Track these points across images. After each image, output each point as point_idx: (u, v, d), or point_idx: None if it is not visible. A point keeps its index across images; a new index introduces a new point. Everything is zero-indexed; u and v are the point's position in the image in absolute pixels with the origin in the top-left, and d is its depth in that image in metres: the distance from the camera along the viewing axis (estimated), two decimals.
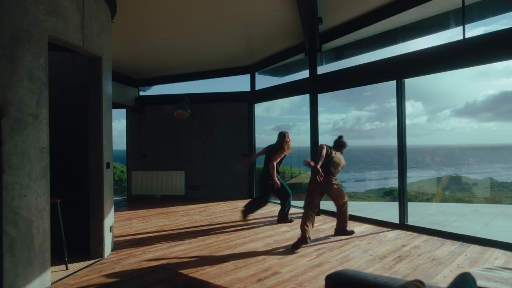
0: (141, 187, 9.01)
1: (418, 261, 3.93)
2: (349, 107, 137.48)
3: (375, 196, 22.69)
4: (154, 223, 6.17)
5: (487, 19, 5.06)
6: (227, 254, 4.33)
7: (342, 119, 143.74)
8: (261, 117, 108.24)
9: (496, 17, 5.07)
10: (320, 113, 6.82)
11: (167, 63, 8.36)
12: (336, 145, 5.25)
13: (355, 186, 35.83)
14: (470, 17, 4.84)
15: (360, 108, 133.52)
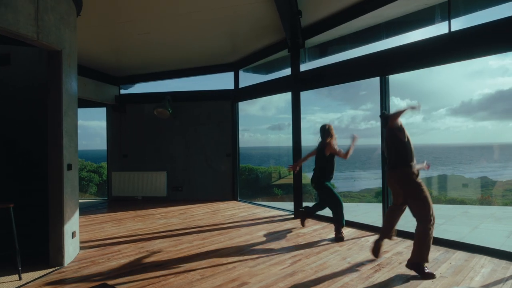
0: (121, 188, 8.70)
1: (398, 270, 3.67)
2: (345, 106, 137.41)
3: (369, 196, 22.48)
4: (128, 227, 5.88)
5: (474, 14, 4.82)
6: (196, 261, 4.04)
7: (338, 118, 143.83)
8: (257, 116, 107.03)
9: (483, 11, 4.82)
10: (315, 112, 6.68)
11: (147, 60, 8.05)
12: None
13: (350, 185, 35.67)
14: (457, 11, 4.59)
15: (355, 107, 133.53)
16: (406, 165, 3.67)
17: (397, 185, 3.76)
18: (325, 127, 5.11)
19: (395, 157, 3.76)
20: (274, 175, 15.15)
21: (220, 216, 6.59)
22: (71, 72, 4.35)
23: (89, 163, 18.21)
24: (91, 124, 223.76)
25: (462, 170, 47.89)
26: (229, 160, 8.43)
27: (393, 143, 3.77)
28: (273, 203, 8.16)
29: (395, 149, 3.75)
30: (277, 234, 5.24)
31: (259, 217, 6.53)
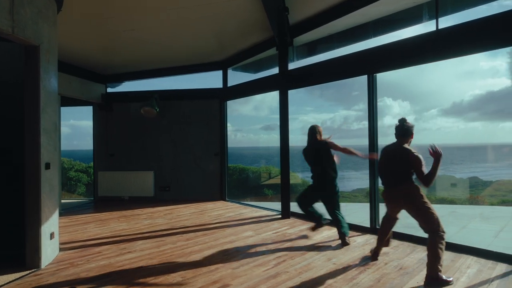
0: (108, 188, 8.54)
1: (383, 271, 3.61)
2: (337, 106, 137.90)
3: (361, 195, 22.50)
4: (112, 227, 5.75)
5: (461, 12, 4.78)
6: (178, 263, 3.94)
7: (330, 119, 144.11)
8: (249, 116, 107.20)
9: (470, 10, 4.78)
10: (308, 113, 6.66)
11: (134, 58, 7.91)
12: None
13: (343, 185, 35.72)
14: (444, 10, 4.55)
15: (348, 107, 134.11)
16: (411, 180, 3.55)
17: (403, 200, 3.56)
18: (314, 128, 4.84)
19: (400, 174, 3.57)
20: (264, 175, 15.08)
21: (206, 217, 6.49)
22: (50, 68, 4.22)
23: (78, 162, 17.99)
24: (83, 124, 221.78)
25: (453, 170, 48.25)
26: (217, 159, 8.33)
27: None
28: (261, 203, 8.08)
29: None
30: (263, 234, 5.16)
31: (246, 217, 6.44)
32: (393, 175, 3.60)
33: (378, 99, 5.18)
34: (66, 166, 17.46)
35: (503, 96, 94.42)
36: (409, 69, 4.88)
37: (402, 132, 3.65)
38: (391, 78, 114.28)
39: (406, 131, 3.66)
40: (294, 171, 31.76)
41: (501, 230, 5.62)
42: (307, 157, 4.87)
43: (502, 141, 74.47)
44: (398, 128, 3.68)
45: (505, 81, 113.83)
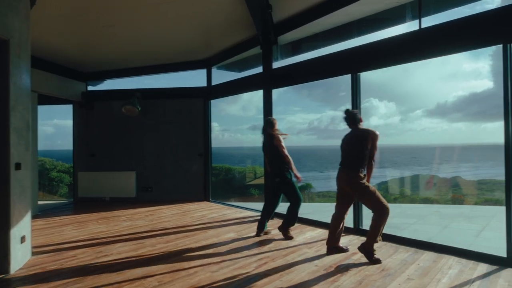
0: (88, 189, 8.32)
1: (365, 272, 3.54)
2: (324, 107, 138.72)
3: None
4: (89, 229, 5.57)
5: (444, 12, 4.77)
6: (156, 267, 3.81)
7: (317, 119, 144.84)
8: (237, 116, 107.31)
9: (453, 10, 4.78)
10: (296, 113, 6.55)
11: (116, 55, 7.73)
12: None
13: (329, 185, 35.89)
14: (427, 10, 4.53)
15: (335, 108, 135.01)
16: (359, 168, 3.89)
17: (347, 185, 3.95)
18: (269, 119, 5.03)
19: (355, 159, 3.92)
20: (250, 175, 14.97)
21: (189, 218, 6.36)
22: (22, 64, 4.03)
23: (60, 163, 17.55)
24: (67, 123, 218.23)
25: (437, 170, 49.03)
26: (201, 160, 8.20)
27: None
28: (245, 204, 7.98)
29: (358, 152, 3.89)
30: (246, 236, 5.06)
31: (229, 218, 6.33)
32: (349, 157, 3.95)
33: (364, 100, 5.17)
34: (48, 167, 17.03)
35: (485, 98, 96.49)
36: (395, 70, 4.93)
37: (353, 120, 4.00)
38: (378, 79, 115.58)
39: (354, 117, 4.00)
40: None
41: (482, 230, 5.65)
42: (264, 148, 5.06)
43: (484, 142, 76.03)
44: (348, 118, 4.03)
45: (487, 83, 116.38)
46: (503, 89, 3.63)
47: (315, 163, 58.80)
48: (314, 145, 63.53)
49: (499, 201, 13.48)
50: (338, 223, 4.13)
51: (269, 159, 5.06)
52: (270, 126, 4.95)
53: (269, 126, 4.95)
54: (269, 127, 4.94)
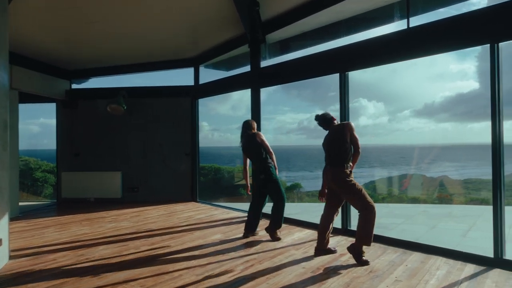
0: (72, 190, 8.14)
1: (353, 274, 3.49)
2: (314, 107, 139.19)
3: None
4: (72, 232, 5.42)
5: (432, 12, 4.76)
6: (139, 270, 3.70)
7: (307, 119, 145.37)
8: (227, 116, 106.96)
9: (441, 10, 4.78)
10: (285, 113, 6.48)
11: (101, 53, 7.56)
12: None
13: (315, 185, 35.99)
14: (415, 9, 4.50)
15: (324, 108, 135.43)
16: (344, 164, 3.85)
17: (333, 183, 3.91)
18: (248, 121, 5.05)
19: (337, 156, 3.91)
20: (239, 175, 14.89)
21: (175, 219, 6.25)
22: None
23: (45, 163, 17.20)
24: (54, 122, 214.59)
25: (425, 170, 49.55)
26: (188, 159, 8.08)
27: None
28: (233, 204, 7.89)
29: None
30: (233, 237, 4.97)
31: (217, 219, 6.24)
32: (332, 156, 3.94)
33: (353, 100, 5.17)
34: (33, 167, 16.68)
35: (472, 98, 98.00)
36: (384, 71, 4.92)
37: (325, 121, 4.09)
38: (367, 79, 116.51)
39: (325, 118, 4.09)
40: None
41: (469, 230, 5.67)
42: (244, 150, 5.00)
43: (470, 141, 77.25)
44: (320, 122, 4.13)
45: (473, 83, 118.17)
46: (490, 89, 3.62)
47: (305, 162, 58.92)
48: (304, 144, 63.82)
49: (485, 201, 13.68)
50: (327, 224, 4.07)
51: (252, 157, 4.98)
52: (249, 128, 4.98)
53: (248, 128, 4.98)
54: (249, 130, 4.97)
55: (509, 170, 32.69)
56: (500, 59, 3.61)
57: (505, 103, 3.66)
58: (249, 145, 4.91)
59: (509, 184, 24.26)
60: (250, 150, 4.93)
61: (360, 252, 3.79)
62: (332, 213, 4.07)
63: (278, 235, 4.80)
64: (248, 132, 4.96)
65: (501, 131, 3.60)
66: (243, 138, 5.00)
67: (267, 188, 4.88)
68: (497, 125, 3.58)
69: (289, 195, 15.83)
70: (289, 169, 48.39)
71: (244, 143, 4.98)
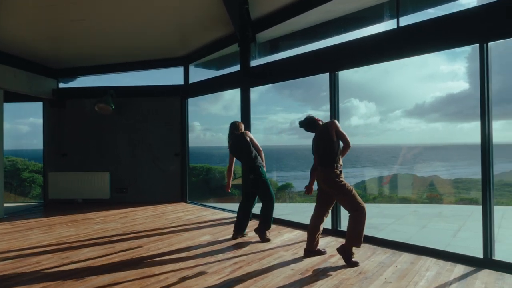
0: (60, 191, 7.99)
1: (342, 276, 3.45)
2: (306, 107, 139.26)
3: None
4: (58, 233, 5.31)
5: (422, 12, 4.75)
6: (125, 273, 3.61)
7: (299, 119, 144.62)
8: (219, 115, 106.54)
9: (431, 9, 4.77)
10: (277, 113, 6.43)
11: (89, 51, 7.42)
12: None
13: (304, 185, 35.84)
14: (405, 9, 4.48)
15: (316, 107, 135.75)
16: (334, 164, 3.81)
17: (324, 184, 3.87)
18: (235, 123, 5.00)
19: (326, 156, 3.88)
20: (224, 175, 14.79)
21: (164, 220, 6.16)
22: None
23: (33, 163, 16.93)
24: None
25: (416, 169, 49.91)
26: (178, 160, 7.99)
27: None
28: (223, 205, 7.82)
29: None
30: (222, 238, 4.90)
31: (206, 220, 6.17)
32: (321, 156, 3.90)
33: (345, 100, 5.20)
34: (20, 167, 16.41)
35: (462, 98, 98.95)
36: (376, 71, 4.91)
37: (310, 125, 4.05)
38: (359, 79, 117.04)
39: (309, 122, 4.05)
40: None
41: (459, 230, 5.67)
42: (233, 150, 4.94)
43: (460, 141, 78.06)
44: (306, 127, 4.08)
45: (463, 84, 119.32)
46: (479, 88, 3.60)
47: (297, 162, 58.98)
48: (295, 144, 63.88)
49: (474, 200, 13.79)
50: (317, 225, 4.02)
51: (241, 158, 4.93)
52: (236, 129, 4.95)
53: (236, 129, 4.95)
54: (236, 130, 4.94)
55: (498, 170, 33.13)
56: (489, 59, 3.59)
57: (495, 103, 3.65)
58: (238, 145, 4.85)
59: (498, 184, 24.58)
60: (239, 150, 4.86)
61: (349, 253, 3.75)
62: (323, 214, 4.03)
63: (267, 236, 4.75)
64: (236, 133, 4.91)
65: (490, 130, 3.59)
66: (231, 139, 4.94)
67: (257, 188, 4.82)
68: (486, 124, 3.57)
69: (280, 195, 15.77)
70: (281, 169, 48.43)
71: (232, 143, 4.92)
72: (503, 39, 3.52)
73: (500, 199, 17.71)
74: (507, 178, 30.81)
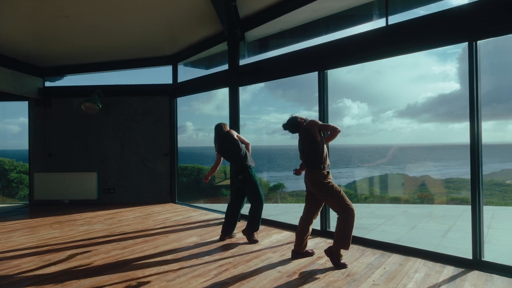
0: (46, 191, 7.82)
1: (330, 278, 3.38)
2: (299, 107, 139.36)
3: None
4: (41, 235, 5.17)
5: (411, 11, 4.70)
6: (107, 276, 3.50)
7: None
8: (212, 115, 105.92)
9: (420, 8, 4.72)
10: (270, 113, 6.36)
11: (76, 49, 7.26)
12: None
13: (294, 185, 35.98)
14: (394, 8, 4.43)
15: (309, 108, 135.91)
16: (320, 166, 3.72)
17: (312, 186, 3.78)
18: (220, 125, 4.91)
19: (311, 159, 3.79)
20: (221, 175, 14.71)
21: (151, 221, 6.04)
22: None
23: (21, 163, 16.68)
24: None
25: (408, 170, 50.21)
26: (166, 160, 7.87)
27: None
28: (212, 205, 7.73)
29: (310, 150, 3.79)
30: (209, 240, 4.81)
31: (194, 221, 6.07)
32: (307, 158, 3.80)
33: (338, 100, 5.11)
34: (7, 168, 16.16)
35: (453, 99, 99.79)
36: (368, 72, 4.85)
37: (293, 127, 3.94)
38: (351, 80, 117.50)
39: (292, 124, 3.94)
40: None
41: (449, 230, 5.64)
42: (221, 151, 4.85)
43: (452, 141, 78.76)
44: (290, 129, 3.97)
45: (454, 84, 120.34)
46: (468, 87, 3.57)
47: (290, 162, 59.00)
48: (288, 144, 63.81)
49: (465, 200, 13.84)
50: (306, 227, 3.94)
51: (230, 158, 4.86)
52: (222, 130, 4.89)
53: (221, 130, 4.89)
54: (221, 131, 4.88)
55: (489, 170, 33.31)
56: (479, 57, 3.55)
57: (486, 103, 3.62)
58: (227, 145, 4.76)
59: (489, 184, 24.77)
60: (229, 149, 4.77)
61: (337, 255, 3.68)
62: (311, 216, 3.95)
63: (255, 238, 4.67)
64: (222, 132, 4.84)
65: (480, 130, 3.56)
66: (218, 141, 4.86)
67: (245, 189, 4.73)
68: (475, 123, 3.53)
69: (272, 195, 15.71)
70: (273, 169, 48.38)
71: (220, 144, 4.83)
72: (492, 37, 3.48)
73: (490, 198, 17.84)
74: (498, 177, 31.12)
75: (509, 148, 60.11)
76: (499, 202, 15.30)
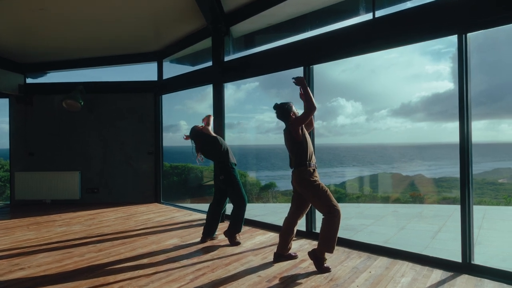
0: (27, 191, 7.58)
1: (312, 283, 3.20)
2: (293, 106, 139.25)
3: None
4: (15, 237, 4.94)
5: (398, 5, 4.53)
6: (75, 282, 3.30)
7: None
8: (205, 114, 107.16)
9: (407, 2, 4.55)
10: (264, 112, 6.16)
11: (56, 44, 7.02)
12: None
13: (281, 185, 35.69)
14: (381, 2, 4.26)
15: (302, 107, 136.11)
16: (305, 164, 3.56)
17: (297, 185, 3.62)
18: (195, 128, 4.71)
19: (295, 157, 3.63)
20: (211, 174, 14.48)
21: (132, 222, 5.83)
22: None
23: (8, 162, 16.32)
24: None
25: (401, 168, 50.35)
26: (151, 158, 7.66)
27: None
28: (198, 205, 7.54)
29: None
30: (190, 242, 4.61)
31: (177, 221, 5.87)
32: (293, 156, 3.65)
33: (332, 99, 4.94)
34: None
35: (447, 98, 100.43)
36: (362, 71, 4.72)
37: (283, 115, 3.74)
38: (345, 79, 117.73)
39: (282, 110, 3.75)
40: (245, 170, 31.10)
41: (438, 231, 5.50)
42: (202, 150, 4.67)
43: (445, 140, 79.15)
44: (279, 114, 3.75)
45: (448, 84, 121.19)
46: (458, 82, 3.41)
47: (283, 162, 58.95)
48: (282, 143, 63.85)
49: (457, 199, 13.79)
50: (290, 228, 3.76)
51: (212, 157, 4.67)
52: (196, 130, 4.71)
53: (196, 130, 4.70)
54: (196, 131, 4.70)
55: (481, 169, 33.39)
56: (469, 51, 3.40)
57: (479, 103, 3.47)
58: (206, 142, 4.59)
59: (481, 183, 24.78)
60: (209, 148, 4.59)
61: (321, 258, 3.50)
62: (297, 217, 3.78)
63: (237, 239, 4.48)
64: (196, 129, 4.67)
65: (470, 128, 3.41)
66: (196, 142, 4.66)
67: (227, 189, 4.54)
68: (465, 121, 3.38)
69: (264, 194, 15.53)
70: (267, 168, 48.21)
71: (197, 144, 4.65)
72: (483, 29, 3.32)
73: (482, 198, 17.81)
74: (490, 176, 31.22)
75: (501, 147, 60.54)
76: (490, 202, 15.28)
